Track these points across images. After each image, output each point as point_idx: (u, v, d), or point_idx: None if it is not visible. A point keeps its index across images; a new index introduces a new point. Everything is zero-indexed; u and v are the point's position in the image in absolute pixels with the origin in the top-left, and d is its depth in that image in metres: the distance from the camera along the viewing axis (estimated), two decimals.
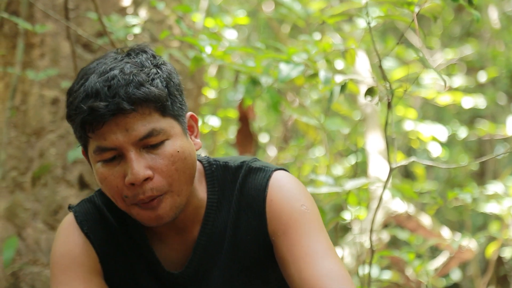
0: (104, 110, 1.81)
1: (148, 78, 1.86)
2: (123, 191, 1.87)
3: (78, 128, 1.87)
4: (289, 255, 1.94)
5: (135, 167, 1.84)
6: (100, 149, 1.86)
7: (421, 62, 6.53)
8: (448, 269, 5.95)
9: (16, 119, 3.65)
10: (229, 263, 2.02)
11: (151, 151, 1.86)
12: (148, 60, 1.91)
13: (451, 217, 8.60)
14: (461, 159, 7.95)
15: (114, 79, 1.83)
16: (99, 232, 2.03)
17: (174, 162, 1.87)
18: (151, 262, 2.03)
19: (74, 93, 1.87)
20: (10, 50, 3.69)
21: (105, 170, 1.88)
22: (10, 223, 3.62)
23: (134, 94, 1.82)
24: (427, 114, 8.55)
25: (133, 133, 1.84)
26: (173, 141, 1.88)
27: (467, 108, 6.82)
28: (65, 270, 1.99)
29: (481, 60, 7.92)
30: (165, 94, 1.89)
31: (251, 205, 2.01)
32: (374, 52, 3.20)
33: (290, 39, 6.79)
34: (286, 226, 1.97)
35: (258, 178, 2.03)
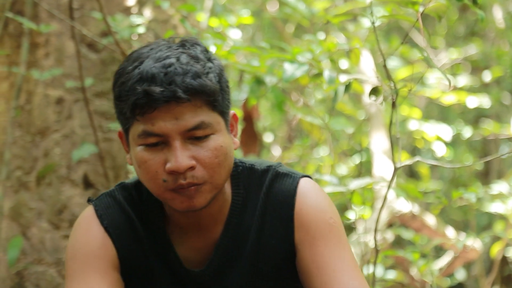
0: (159, 95, 1.81)
1: (203, 71, 1.86)
2: (162, 176, 1.87)
3: (128, 109, 1.86)
4: (314, 266, 1.95)
5: (179, 156, 1.84)
6: (146, 133, 1.86)
7: (425, 61, 6.52)
8: (452, 268, 5.95)
9: (20, 119, 3.65)
10: (249, 267, 2.02)
11: (196, 142, 1.87)
12: (202, 53, 1.91)
13: (455, 216, 8.59)
14: (466, 158, 7.94)
15: (171, 66, 1.83)
16: (119, 227, 2.02)
17: (217, 156, 1.88)
18: (170, 259, 2.02)
19: (127, 74, 1.86)
20: (15, 50, 3.69)
21: (146, 154, 1.87)
22: (14, 223, 3.62)
23: (191, 84, 1.82)
24: (432, 114, 8.54)
25: (182, 123, 1.84)
26: (218, 136, 1.89)
27: (472, 107, 6.81)
28: (82, 262, 1.97)
29: (485, 60, 7.91)
30: (218, 88, 1.89)
31: (278, 211, 2.01)
32: (378, 52, 3.20)
33: (295, 39, 6.79)
34: (314, 238, 1.98)
35: (286, 184, 2.03)
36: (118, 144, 3.64)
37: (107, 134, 3.63)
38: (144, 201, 2.04)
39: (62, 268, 3.58)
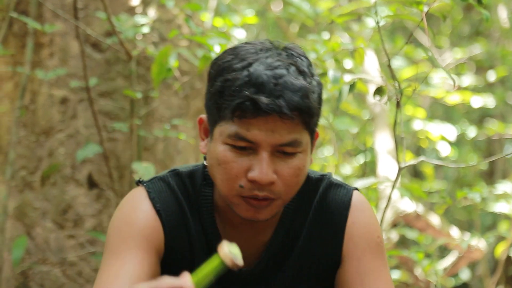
0: (264, 106, 1.78)
1: (310, 89, 1.84)
2: (240, 181, 1.85)
3: (228, 108, 1.83)
4: (357, 282, 1.97)
5: (265, 168, 1.82)
6: (238, 136, 1.83)
7: (430, 61, 6.52)
8: (457, 268, 5.94)
9: (25, 119, 3.66)
10: (292, 271, 2.02)
11: (282, 157, 1.85)
12: (308, 67, 1.88)
13: (460, 216, 8.58)
14: (470, 158, 7.93)
15: (282, 78, 1.81)
16: (171, 213, 1.98)
17: (297, 175, 1.87)
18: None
19: (233, 72, 1.84)
20: (20, 50, 3.69)
21: (231, 154, 1.85)
22: (19, 222, 3.62)
23: (298, 104, 1.80)
24: (436, 114, 8.53)
25: (277, 137, 1.82)
26: (303, 155, 1.88)
27: (476, 107, 6.81)
28: (126, 238, 1.93)
29: (490, 59, 7.90)
30: (318, 110, 1.88)
31: (330, 220, 2.02)
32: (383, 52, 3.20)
33: (299, 39, 6.78)
34: (362, 254, 2.00)
35: (339, 194, 2.04)
36: (122, 144, 3.64)
37: (112, 134, 3.63)
38: (197, 192, 2.02)
39: (66, 268, 3.58)
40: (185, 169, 2.04)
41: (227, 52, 1.90)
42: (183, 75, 3.71)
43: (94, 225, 3.61)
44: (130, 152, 3.54)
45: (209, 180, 2.00)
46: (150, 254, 1.93)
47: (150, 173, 3.27)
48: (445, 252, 6.49)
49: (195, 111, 3.86)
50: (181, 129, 3.75)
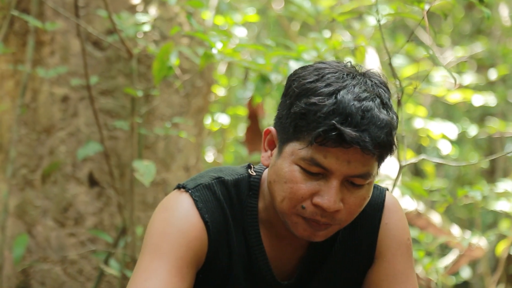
0: (349, 138, 1.77)
1: (394, 126, 1.84)
2: (304, 203, 1.84)
3: (309, 133, 1.80)
4: (386, 285, 2.00)
5: (333, 197, 1.81)
6: (313, 161, 1.81)
7: (431, 59, 6.51)
8: (458, 267, 5.94)
9: (26, 117, 3.65)
10: (328, 276, 2.02)
11: (351, 187, 1.84)
12: (389, 101, 1.87)
13: (461, 215, 8.58)
14: (471, 157, 7.93)
15: (369, 111, 1.79)
16: (217, 225, 1.95)
17: (361, 205, 1.87)
18: (259, 268, 1.99)
19: (319, 96, 1.80)
20: (20, 48, 3.69)
21: (301, 176, 1.83)
22: (20, 221, 3.62)
23: (383, 141, 1.80)
24: (437, 112, 8.53)
25: (352, 169, 1.81)
26: (370, 186, 1.88)
27: (477, 105, 6.80)
28: (174, 247, 1.89)
29: (491, 58, 7.89)
30: (395, 147, 1.87)
31: (364, 222, 2.03)
32: (384, 50, 3.20)
33: (300, 37, 6.78)
34: (393, 255, 2.02)
35: (373, 196, 2.03)
36: (123, 142, 3.64)
37: (113, 132, 3.63)
38: (242, 202, 1.99)
39: (67, 266, 3.58)
40: (230, 177, 2.00)
41: (309, 71, 1.87)
42: (184, 73, 3.71)
43: (95, 223, 3.61)
44: (131, 150, 3.54)
45: (255, 191, 1.99)
46: (192, 267, 1.91)
47: (151, 171, 3.26)
48: (446, 250, 6.49)
49: (196, 109, 3.86)
50: (182, 127, 3.75)
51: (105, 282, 3.60)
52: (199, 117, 3.91)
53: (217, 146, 6.66)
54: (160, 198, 3.67)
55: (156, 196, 3.68)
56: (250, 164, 2.04)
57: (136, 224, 3.50)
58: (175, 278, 1.87)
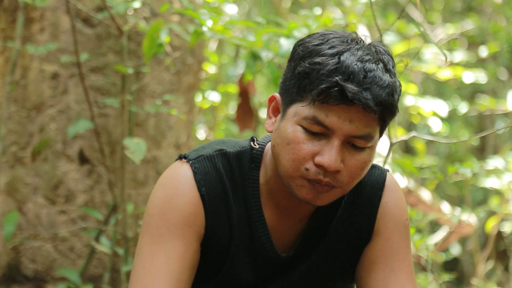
0: (351, 95, 1.78)
1: (395, 89, 1.86)
2: (307, 164, 1.85)
3: (314, 91, 1.82)
4: (382, 261, 2.02)
5: (334, 156, 1.83)
6: (315, 120, 1.83)
7: (422, 37, 6.51)
8: (448, 243, 5.97)
9: (16, 94, 3.64)
10: (326, 251, 2.04)
11: (352, 149, 1.86)
12: (393, 67, 1.90)
13: (451, 192, 8.61)
14: (462, 134, 7.95)
15: (372, 72, 1.81)
16: (215, 197, 1.96)
17: (362, 169, 1.89)
18: (260, 240, 2.00)
19: (323, 56, 1.83)
20: (10, 25, 3.67)
21: (303, 136, 1.85)
22: (10, 198, 3.62)
23: (384, 100, 1.81)
24: (428, 89, 8.54)
25: (353, 128, 1.82)
26: (372, 151, 1.89)
27: (468, 83, 6.80)
28: (170, 225, 1.91)
29: (482, 35, 7.89)
30: (397, 110, 1.89)
31: (364, 200, 2.05)
32: (375, 27, 3.20)
33: (291, 14, 6.77)
34: (390, 233, 2.04)
35: (374, 175, 2.06)
36: (113, 119, 3.63)
37: (103, 110, 3.63)
38: (244, 175, 2.00)
39: (58, 243, 3.59)
40: (232, 149, 2.01)
41: (314, 36, 1.89)
42: (174, 50, 3.69)
43: (85, 201, 3.61)
44: (122, 127, 3.54)
45: (257, 163, 2.00)
46: (192, 242, 1.93)
47: (141, 148, 3.26)
48: (436, 227, 6.51)
49: (187, 86, 3.85)
50: (172, 104, 3.74)
51: (96, 259, 3.60)
52: (190, 94, 3.90)
53: (208, 124, 6.66)
54: (151, 175, 3.67)
55: (147, 173, 3.68)
56: (253, 137, 2.05)
57: (127, 202, 3.50)
58: (182, 259, 1.90)
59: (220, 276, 2.00)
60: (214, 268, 2.00)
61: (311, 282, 2.05)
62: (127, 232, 3.45)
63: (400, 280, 1.99)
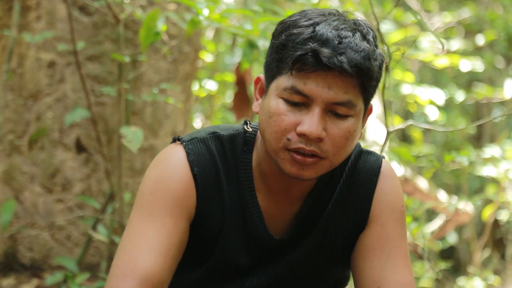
0: (326, 60, 1.80)
1: (373, 55, 1.86)
2: (289, 135, 1.86)
3: (290, 60, 1.85)
4: (378, 248, 2.01)
5: (315, 123, 1.83)
6: (294, 89, 1.85)
7: (419, 25, 6.50)
8: (444, 232, 5.98)
9: (12, 82, 3.64)
10: (321, 236, 2.04)
11: (334, 118, 1.86)
12: (373, 39, 1.91)
13: (448, 180, 8.62)
14: (458, 122, 7.95)
15: (347, 38, 1.83)
16: (207, 178, 1.97)
17: (346, 138, 1.88)
18: (253, 222, 2.00)
19: (300, 27, 1.86)
20: (6, 13, 3.67)
21: (284, 108, 1.86)
22: (7, 186, 3.62)
23: (360, 63, 1.82)
24: (425, 78, 8.54)
25: (332, 94, 1.84)
26: (356, 120, 1.89)
27: (465, 71, 6.81)
28: (161, 203, 1.92)
29: (479, 23, 7.89)
30: (378, 76, 1.89)
31: (359, 186, 2.05)
32: (372, 15, 3.19)
33: (288, 2, 6.75)
34: (386, 220, 2.04)
35: (370, 161, 2.06)
36: (110, 108, 3.63)
37: (100, 98, 3.62)
38: (237, 157, 2.01)
39: (55, 231, 3.59)
40: (225, 132, 2.03)
41: (295, 14, 1.92)
42: (171, 39, 3.69)
43: (82, 189, 3.61)
44: (118, 116, 3.53)
45: (250, 146, 2.01)
46: (182, 220, 1.93)
47: (138, 137, 3.26)
48: (433, 216, 6.53)
49: (184, 75, 3.84)
50: (169, 93, 3.74)
51: (93, 247, 3.61)
52: (187, 83, 3.90)
53: (205, 112, 6.65)
54: (148, 164, 3.66)
55: (144, 162, 3.68)
56: (246, 121, 2.07)
57: (123, 190, 3.50)
58: (170, 235, 1.90)
59: (213, 259, 2.00)
60: (207, 250, 2.01)
61: (307, 267, 2.04)
62: (124, 220, 3.45)
63: (397, 267, 1.99)
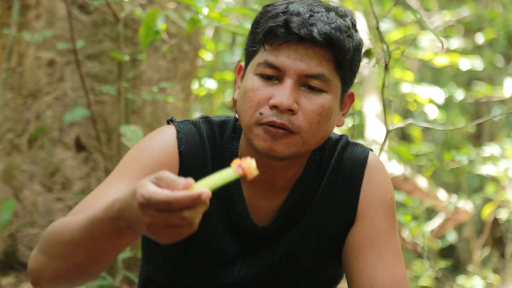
0: (296, 29, 1.81)
1: (347, 31, 1.87)
2: (261, 108, 1.85)
3: (262, 33, 1.86)
4: (370, 244, 1.99)
5: (286, 94, 1.83)
6: (267, 63, 1.86)
7: (418, 24, 6.51)
8: (444, 230, 5.98)
9: (12, 81, 3.64)
10: (306, 229, 2.02)
11: (307, 93, 1.86)
12: (350, 21, 1.91)
13: (447, 179, 8.62)
14: (458, 121, 7.95)
15: (318, 13, 1.85)
16: (193, 158, 1.97)
17: (320, 114, 1.87)
18: (235, 209, 1.99)
19: (274, 6, 1.88)
20: (6, 11, 3.67)
21: (258, 83, 1.87)
22: (7, 185, 3.62)
23: (330, 33, 1.83)
24: (424, 77, 8.54)
25: (304, 66, 1.84)
26: (330, 97, 1.88)
27: (465, 70, 6.81)
28: (140, 164, 1.92)
29: (478, 22, 7.89)
30: (352, 52, 1.88)
31: (346, 177, 2.03)
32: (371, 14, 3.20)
33: None
34: (375, 214, 2.01)
35: (356, 152, 2.04)
36: (110, 106, 3.63)
37: (99, 97, 3.62)
38: (224, 143, 2.01)
39: None
40: (217, 118, 2.04)
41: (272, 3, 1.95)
42: (171, 37, 3.69)
43: (82, 188, 3.61)
44: (118, 115, 3.54)
45: (237, 133, 2.00)
46: None
47: (138, 136, 3.26)
48: (432, 214, 6.53)
49: (183, 74, 3.85)
50: (169, 92, 3.74)
51: None
52: (186, 82, 3.90)
53: (205, 111, 6.65)
54: None
55: None
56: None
57: None
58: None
59: (198, 246, 1.99)
60: (189, 237, 2.00)
61: (296, 260, 2.03)
62: None
63: (389, 264, 1.97)
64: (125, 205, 1.53)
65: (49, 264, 1.76)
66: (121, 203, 1.55)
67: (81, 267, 1.73)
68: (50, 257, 1.75)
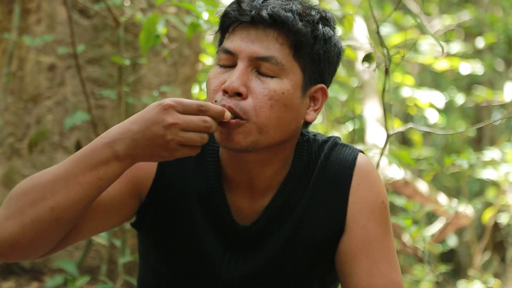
0: (246, 9, 1.83)
1: (303, 15, 1.86)
2: (216, 95, 1.85)
3: (220, 23, 1.91)
4: (363, 252, 1.93)
5: (235, 77, 1.82)
6: (223, 49, 1.87)
7: (418, 28, 6.50)
8: (444, 235, 5.98)
9: (12, 85, 3.64)
10: (291, 232, 1.97)
11: (260, 77, 1.84)
12: (319, 14, 1.89)
13: (448, 183, 8.62)
14: (458, 125, 7.95)
15: (276, 0, 1.86)
16: (172, 162, 1.94)
17: (271, 98, 1.83)
18: (218, 209, 1.97)
19: None
20: (6, 16, 3.67)
21: (216, 71, 1.88)
22: (7, 190, 3.62)
23: (278, 12, 1.82)
24: (425, 81, 8.54)
25: (255, 48, 1.83)
26: (284, 82, 1.85)
27: (465, 74, 6.82)
28: None
29: (479, 26, 7.89)
30: (307, 36, 1.86)
31: (333, 179, 1.97)
32: (372, 18, 3.20)
33: None
34: (367, 221, 1.94)
35: (344, 153, 1.98)
36: (110, 111, 3.63)
37: (100, 101, 3.62)
38: (206, 145, 1.95)
39: None
40: None
41: None
42: (171, 42, 3.69)
43: None
44: (119, 119, 3.54)
45: None
46: (128, 183, 1.94)
47: None
48: (433, 219, 6.53)
49: (184, 78, 3.85)
50: (169, 96, 3.74)
51: (93, 251, 3.61)
52: (187, 86, 3.90)
53: None
54: None
55: None
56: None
57: None
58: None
59: (185, 247, 1.98)
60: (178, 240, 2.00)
61: (285, 263, 1.98)
62: (124, 223, 3.45)
63: (383, 271, 1.92)
64: (132, 122, 1.73)
65: (18, 217, 1.76)
66: (125, 123, 1.74)
67: (55, 210, 1.75)
68: (20, 209, 1.76)
